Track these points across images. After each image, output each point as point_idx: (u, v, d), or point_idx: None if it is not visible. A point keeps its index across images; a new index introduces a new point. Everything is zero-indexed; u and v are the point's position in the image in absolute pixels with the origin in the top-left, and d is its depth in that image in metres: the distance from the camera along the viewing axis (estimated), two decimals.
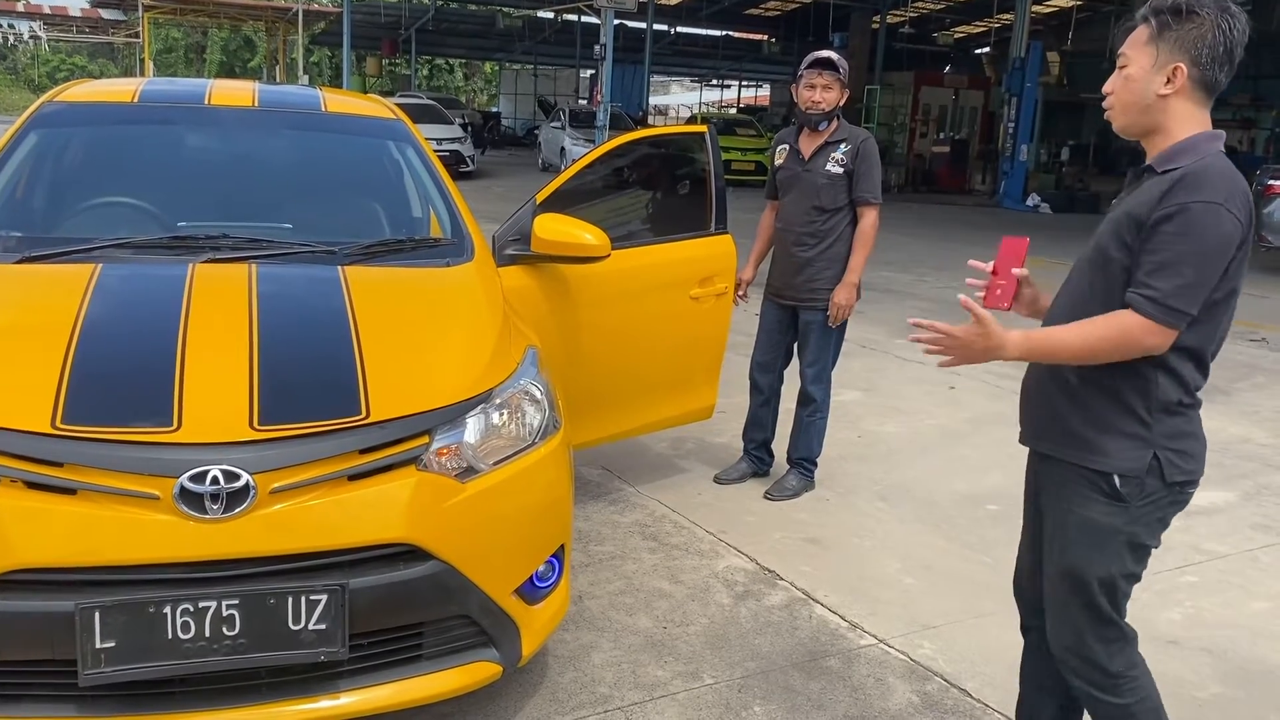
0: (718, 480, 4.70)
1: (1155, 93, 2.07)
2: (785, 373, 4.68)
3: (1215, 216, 1.95)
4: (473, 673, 2.52)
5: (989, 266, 2.30)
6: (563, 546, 2.77)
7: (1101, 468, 2.11)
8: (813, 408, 4.53)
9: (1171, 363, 2.08)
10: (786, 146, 4.46)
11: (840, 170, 4.26)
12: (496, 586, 2.51)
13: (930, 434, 5.65)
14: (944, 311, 9.14)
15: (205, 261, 2.90)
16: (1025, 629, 2.53)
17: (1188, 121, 2.08)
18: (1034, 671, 2.52)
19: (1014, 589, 2.55)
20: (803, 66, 4.33)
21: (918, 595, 3.72)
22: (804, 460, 4.60)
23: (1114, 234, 2.09)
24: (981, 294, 2.30)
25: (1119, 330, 2.01)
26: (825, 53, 4.34)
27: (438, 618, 2.45)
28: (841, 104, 4.29)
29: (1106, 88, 2.17)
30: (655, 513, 4.36)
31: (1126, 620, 2.26)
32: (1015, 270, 2.27)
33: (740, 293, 4.49)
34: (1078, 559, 2.18)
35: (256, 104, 3.82)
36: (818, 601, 3.62)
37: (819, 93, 4.25)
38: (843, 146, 4.29)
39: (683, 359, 4.27)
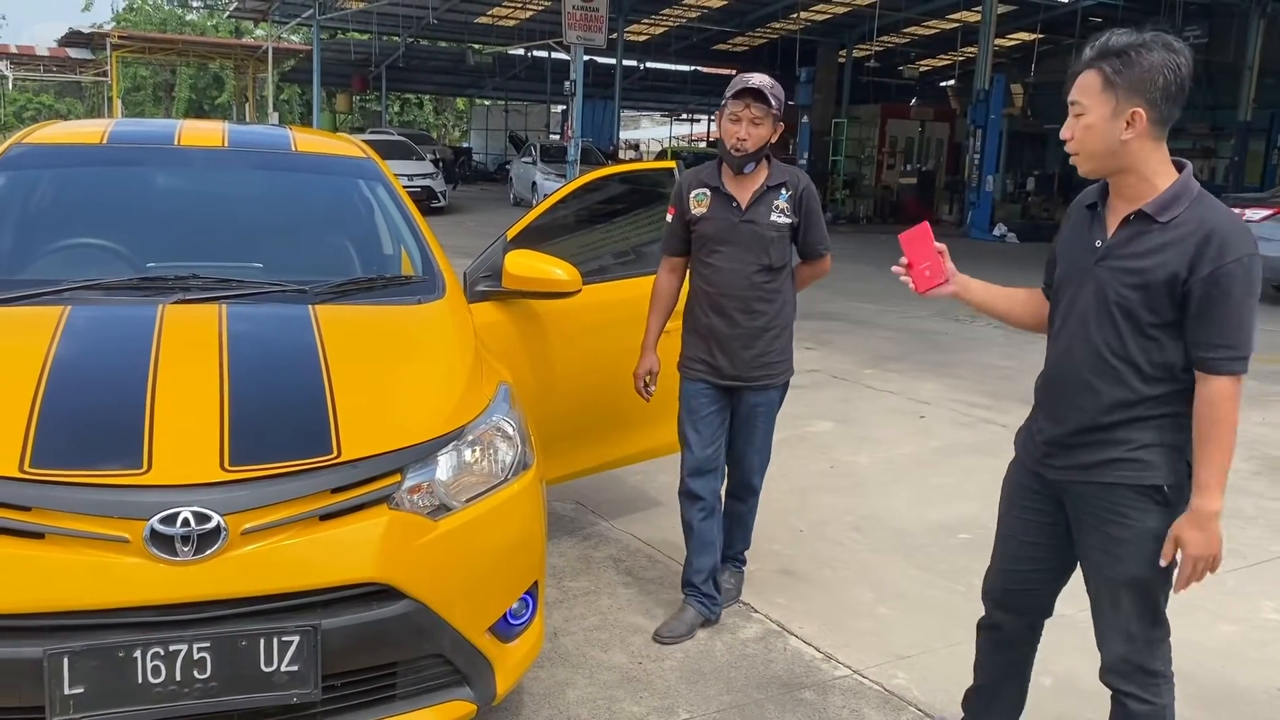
0: (659, 639, 3.55)
1: (1118, 139, 2.15)
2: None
3: (1254, 266, 2.12)
4: (447, 712, 2.50)
5: (903, 263, 2.53)
6: (536, 583, 2.77)
7: (1155, 481, 2.25)
8: (754, 500, 3.85)
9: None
10: (707, 191, 3.52)
11: (787, 221, 3.49)
12: (470, 625, 2.50)
13: (902, 463, 5.68)
14: (911, 340, 9.24)
15: (175, 302, 2.89)
16: (990, 625, 2.68)
17: (1153, 159, 2.18)
18: (1003, 660, 2.70)
19: (986, 595, 2.68)
20: (727, 93, 3.43)
21: (892, 625, 3.73)
22: (742, 553, 3.96)
23: (1133, 289, 2.18)
24: (913, 285, 2.53)
25: (1224, 411, 2.15)
26: (755, 79, 3.41)
27: (411, 657, 2.43)
28: (772, 141, 3.46)
29: (1065, 134, 2.24)
30: (629, 547, 4.35)
31: None
32: (936, 246, 2.51)
33: (649, 388, 3.75)
34: (1144, 569, 2.29)
35: (226, 144, 3.83)
36: (792, 633, 3.63)
37: (745, 128, 3.38)
38: (784, 193, 3.49)
39: (655, 392, 4.27)
